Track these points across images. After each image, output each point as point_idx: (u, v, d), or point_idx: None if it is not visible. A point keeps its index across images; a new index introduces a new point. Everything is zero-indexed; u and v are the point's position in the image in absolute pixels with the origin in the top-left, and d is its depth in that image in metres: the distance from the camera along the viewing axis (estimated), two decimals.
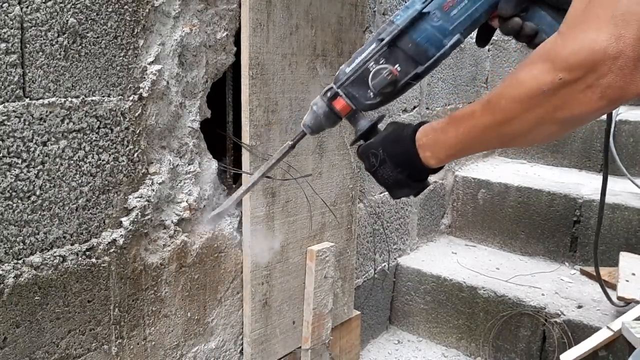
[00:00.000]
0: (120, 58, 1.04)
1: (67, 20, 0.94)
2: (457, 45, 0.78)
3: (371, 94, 0.84)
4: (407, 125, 0.86)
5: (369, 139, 0.89)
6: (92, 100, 1.00)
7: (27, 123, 0.91)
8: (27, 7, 0.89)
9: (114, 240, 1.07)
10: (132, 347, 1.14)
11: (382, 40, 0.79)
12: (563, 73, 0.64)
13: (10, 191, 0.91)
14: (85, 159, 1.01)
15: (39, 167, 0.94)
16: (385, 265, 2.03)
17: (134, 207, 1.10)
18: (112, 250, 1.07)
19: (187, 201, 1.20)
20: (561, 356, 1.68)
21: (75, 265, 1.02)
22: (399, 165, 0.85)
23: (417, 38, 0.78)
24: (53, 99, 0.94)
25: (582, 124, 0.76)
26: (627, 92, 0.62)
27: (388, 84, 0.80)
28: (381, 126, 0.93)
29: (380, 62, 0.81)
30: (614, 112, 2.26)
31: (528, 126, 0.71)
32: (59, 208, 0.98)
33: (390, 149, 0.86)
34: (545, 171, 2.51)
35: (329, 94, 0.86)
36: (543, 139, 0.74)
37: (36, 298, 0.96)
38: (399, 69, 0.80)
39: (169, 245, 1.18)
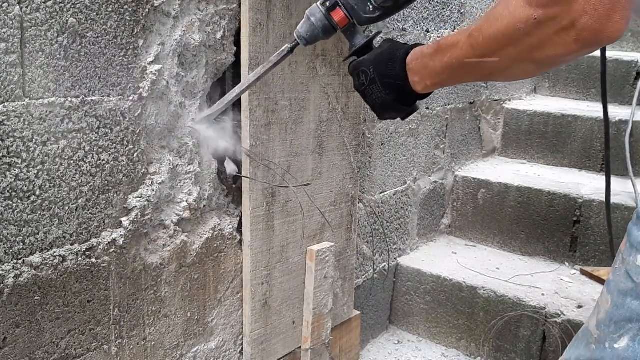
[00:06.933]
0: (120, 58, 1.04)
1: (67, 20, 0.94)
2: None
3: (371, 7, 0.82)
4: (401, 46, 0.84)
5: (363, 56, 0.86)
6: (92, 100, 1.00)
7: (27, 123, 0.91)
8: (27, 7, 0.89)
9: (114, 240, 1.07)
10: (132, 347, 1.14)
11: None
12: (537, 11, 0.63)
13: (10, 191, 0.91)
14: (85, 159, 1.01)
15: (38, 167, 0.94)
16: (385, 265, 2.04)
17: (133, 207, 1.10)
18: (112, 250, 1.07)
19: (187, 201, 1.20)
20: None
21: (75, 265, 1.02)
22: (388, 87, 0.83)
23: None
24: (53, 99, 0.94)
25: (558, 65, 0.75)
26: (603, 35, 0.61)
27: None
28: (377, 42, 0.90)
29: None
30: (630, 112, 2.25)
31: (505, 64, 0.71)
32: (58, 208, 0.98)
33: (381, 69, 0.83)
34: (545, 171, 2.50)
35: (327, 4, 0.83)
36: (520, 76, 0.75)
37: (36, 298, 0.96)
38: None
39: (169, 245, 1.18)
